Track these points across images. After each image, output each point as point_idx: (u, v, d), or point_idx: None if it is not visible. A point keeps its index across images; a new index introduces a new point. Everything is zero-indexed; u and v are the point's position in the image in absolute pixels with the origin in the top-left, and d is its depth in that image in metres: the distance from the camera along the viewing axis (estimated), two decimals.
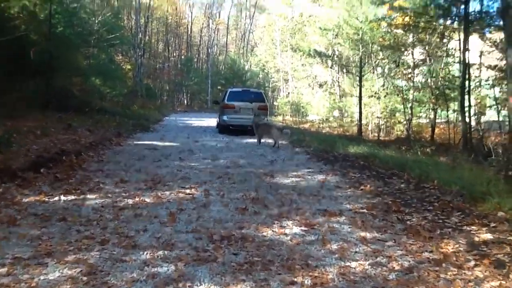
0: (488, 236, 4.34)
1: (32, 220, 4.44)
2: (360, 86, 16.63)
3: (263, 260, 3.58)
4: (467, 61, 13.38)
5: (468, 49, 13.35)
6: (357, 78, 17.38)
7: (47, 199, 5.24)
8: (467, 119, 14.12)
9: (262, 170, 8.03)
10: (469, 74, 14.55)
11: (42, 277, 3.10)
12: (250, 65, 49.88)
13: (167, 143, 11.79)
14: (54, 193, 5.53)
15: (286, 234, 4.29)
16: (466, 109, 14.14)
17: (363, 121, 20.46)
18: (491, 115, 16.67)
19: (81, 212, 4.80)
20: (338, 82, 23.97)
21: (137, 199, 5.46)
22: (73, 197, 5.42)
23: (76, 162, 7.54)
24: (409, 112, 18.83)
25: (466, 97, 13.95)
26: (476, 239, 4.29)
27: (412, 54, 18.36)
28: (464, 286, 3.24)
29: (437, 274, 3.43)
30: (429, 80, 18.03)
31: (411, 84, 18.93)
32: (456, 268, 3.57)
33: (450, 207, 5.38)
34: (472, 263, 3.68)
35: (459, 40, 16.72)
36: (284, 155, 10.25)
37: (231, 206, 5.30)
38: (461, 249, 4.02)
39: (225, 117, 15.92)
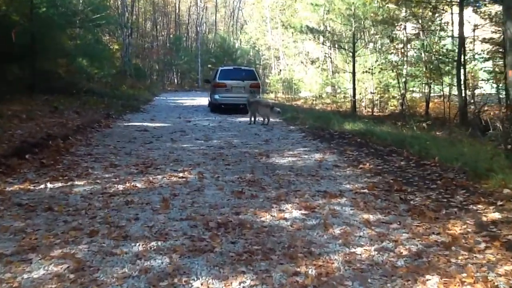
0: (496, 215, 4.16)
1: (16, 211, 4.17)
2: (354, 62, 16.31)
3: (263, 248, 3.37)
4: (463, 35, 13.08)
5: (463, 23, 13.05)
6: (350, 54, 17.03)
7: (32, 187, 4.97)
8: (463, 93, 13.93)
9: (257, 150, 7.79)
10: (464, 48, 14.29)
11: (25, 276, 2.85)
12: (240, 43, 49.12)
13: (158, 124, 11.49)
14: (39, 180, 5.25)
15: (285, 219, 4.07)
16: (462, 83, 13.92)
17: (357, 97, 20.25)
18: (485, 88, 16.50)
19: (69, 201, 4.54)
20: (330, 58, 23.57)
21: (127, 184, 5.21)
22: (60, 184, 5.15)
23: (63, 147, 7.24)
24: (403, 87, 18.62)
25: (462, 71, 13.71)
26: (484, 219, 4.11)
27: (405, 29, 18.02)
28: (477, 271, 3.05)
29: (447, 258, 3.24)
30: (422, 55, 17.76)
31: (405, 58, 18.67)
32: (467, 251, 3.38)
33: (453, 185, 5.20)
34: (483, 245, 3.49)
35: (451, 14, 16.44)
36: (279, 134, 10.02)
37: (227, 190, 5.07)
38: (470, 230, 3.83)
39: (216, 96, 15.59)
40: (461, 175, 5.58)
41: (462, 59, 13.98)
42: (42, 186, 5.05)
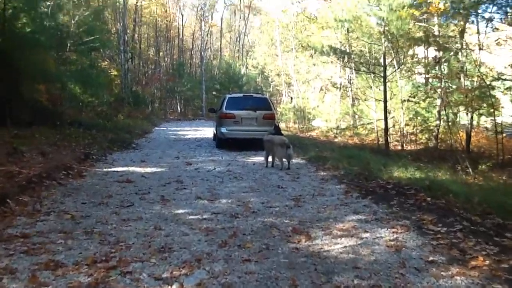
0: None
1: None
2: (385, 88, 13.79)
3: None
4: None
5: None
6: (376, 79, 14.60)
7: None
8: None
9: (288, 219, 5.17)
10: None
11: None
12: (246, 69, 47.02)
13: (148, 169, 8.87)
14: None
15: None
16: None
17: (376, 127, 17.68)
18: None
19: None
20: (350, 83, 21.06)
21: None
22: None
23: None
24: (447, 117, 16.09)
25: None
26: None
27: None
28: None
29: None
30: (462, 79, 15.26)
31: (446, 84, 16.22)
32: None
33: None
34: None
35: None
36: (310, 186, 7.36)
37: None
38: None
39: (223, 129, 13.07)
40: None
41: None
42: None
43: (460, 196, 6.09)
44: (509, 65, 14.98)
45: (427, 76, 15.47)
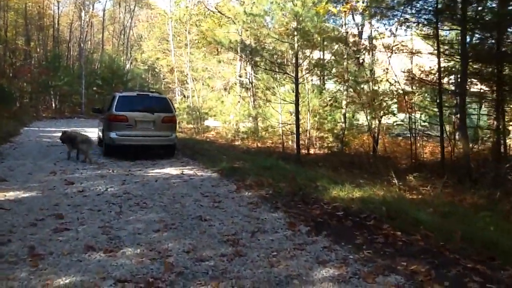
0: None
1: None
2: (297, 89, 12.66)
3: None
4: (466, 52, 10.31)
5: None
6: (291, 79, 13.44)
7: None
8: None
9: (236, 287, 3.44)
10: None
11: None
12: (131, 64, 43.57)
13: (11, 194, 6.39)
14: None
15: None
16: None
17: (282, 131, 16.69)
18: None
19: None
20: (252, 83, 19.73)
21: None
22: None
23: None
24: (343, 119, 15.60)
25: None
26: None
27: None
28: None
29: None
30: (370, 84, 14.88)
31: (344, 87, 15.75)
32: None
33: None
34: None
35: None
36: (240, 217, 5.61)
37: None
38: None
39: (113, 135, 10.80)
40: None
41: None
42: None
43: (433, 228, 4.92)
44: (401, 71, 14.99)
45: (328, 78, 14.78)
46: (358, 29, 18.30)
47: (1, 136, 14.29)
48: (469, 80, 12.38)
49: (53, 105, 39.51)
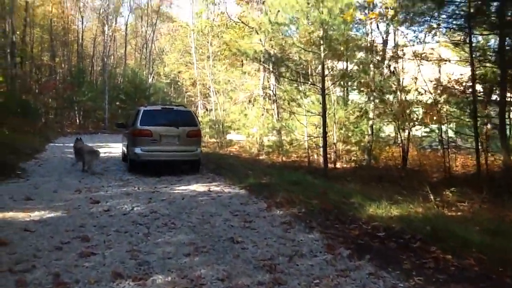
0: None
1: None
2: (324, 100, 12.32)
3: None
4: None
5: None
6: (317, 90, 13.11)
7: None
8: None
9: None
10: None
11: None
12: (154, 78, 43.84)
13: (36, 214, 6.20)
14: None
15: None
16: None
17: (309, 144, 16.28)
18: None
19: None
20: (275, 95, 19.44)
21: None
22: None
23: None
24: (370, 131, 15.10)
25: None
26: None
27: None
28: None
29: None
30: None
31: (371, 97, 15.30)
32: None
33: None
34: None
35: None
36: (274, 238, 5.26)
37: None
38: None
39: (137, 150, 10.62)
40: None
41: None
42: None
43: (485, 249, 4.51)
44: (429, 80, 14.46)
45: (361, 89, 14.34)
46: (383, 37, 17.90)
47: (27, 152, 14.32)
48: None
49: (77, 120, 40.02)
